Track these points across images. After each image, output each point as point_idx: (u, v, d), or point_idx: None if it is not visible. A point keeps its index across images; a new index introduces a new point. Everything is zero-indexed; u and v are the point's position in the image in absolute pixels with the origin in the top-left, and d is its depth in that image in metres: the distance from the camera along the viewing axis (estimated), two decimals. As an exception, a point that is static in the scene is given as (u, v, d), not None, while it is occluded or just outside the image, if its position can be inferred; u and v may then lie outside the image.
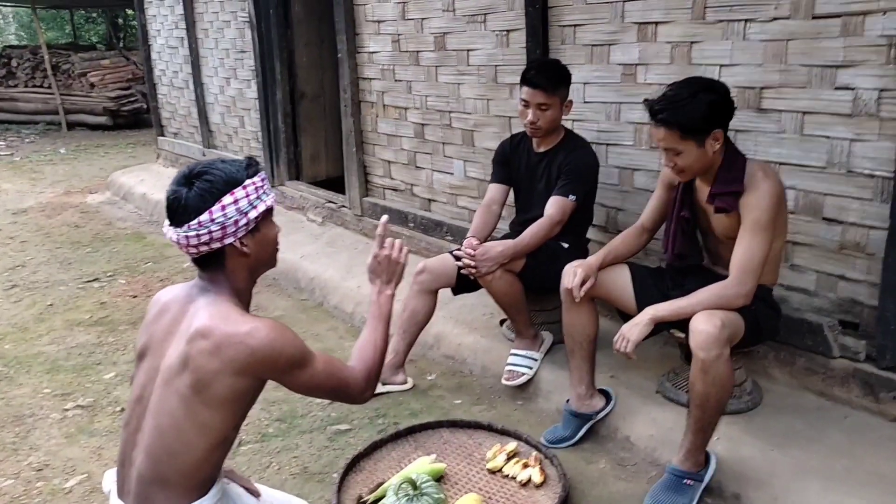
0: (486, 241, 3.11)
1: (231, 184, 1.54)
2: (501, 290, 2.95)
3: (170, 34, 7.52)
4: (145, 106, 11.60)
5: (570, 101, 3.05)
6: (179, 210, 1.53)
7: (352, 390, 1.68)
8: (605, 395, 2.78)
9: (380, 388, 3.13)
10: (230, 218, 1.53)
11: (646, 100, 2.36)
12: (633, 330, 2.31)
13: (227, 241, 1.55)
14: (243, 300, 1.64)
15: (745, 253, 2.25)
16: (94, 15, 19.73)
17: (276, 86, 5.88)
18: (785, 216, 2.40)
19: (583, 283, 2.56)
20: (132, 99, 12.50)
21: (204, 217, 1.51)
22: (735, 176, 2.30)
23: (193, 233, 1.52)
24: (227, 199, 1.53)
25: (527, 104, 2.98)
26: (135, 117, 12.58)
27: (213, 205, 1.52)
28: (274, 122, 6.00)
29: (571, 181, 2.98)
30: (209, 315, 1.54)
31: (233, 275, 1.61)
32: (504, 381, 3.03)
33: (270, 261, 1.70)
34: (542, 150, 3.11)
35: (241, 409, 1.58)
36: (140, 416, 1.60)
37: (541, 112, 2.96)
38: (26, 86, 12.99)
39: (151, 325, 1.66)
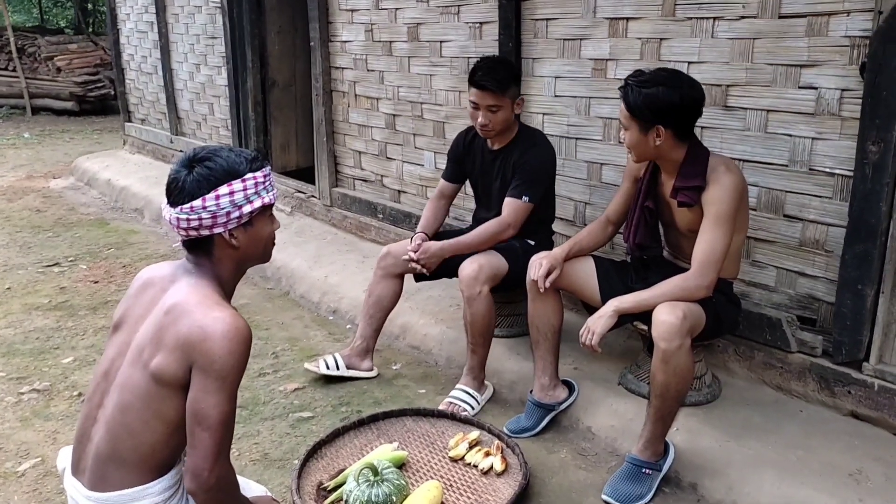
0: (434, 234, 3.13)
1: (230, 174, 1.54)
2: (480, 311, 2.81)
3: (139, 18, 7.39)
4: (113, 92, 11.39)
5: (522, 99, 2.98)
6: (176, 191, 1.53)
7: (207, 460, 1.46)
8: (568, 386, 2.80)
9: (345, 373, 3.14)
10: (222, 208, 1.53)
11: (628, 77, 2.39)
12: (598, 322, 2.33)
13: (217, 230, 1.55)
14: (226, 289, 1.63)
15: (706, 245, 2.28)
16: (63, -2, 19.36)
17: (246, 73, 5.82)
18: (746, 211, 2.44)
19: (548, 273, 2.57)
20: (99, 84, 12.26)
21: (197, 203, 1.51)
22: (698, 171, 2.33)
23: (184, 216, 1.52)
24: (223, 189, 1.52)
25: (476, 106, 2.88)
26: (102, 103, 12.34)
27: (207, 192, 1.52)
28: (244, 111, 5.94)
29: (524, 182, 2.92)
30: (186, 294, 1.54)
31: (219, 263, 1.61)
32: (441, 408, 2.84)
33: (262, 256, 1.69)
34: (496, 147, 3.03)
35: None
36: (104, 391, 1.58)
37: (491, 114, 2.86)
38: (-10, 68, 12.69)
39: (131, 299, 1.65)
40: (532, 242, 3.05)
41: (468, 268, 2.83)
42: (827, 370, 2.59)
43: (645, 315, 2.35)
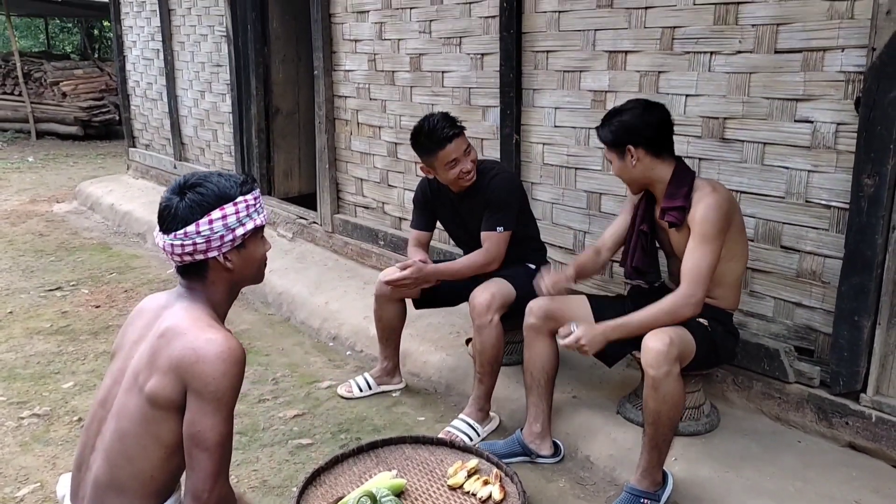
0: None
1: (222, 199, 1.56)
2: (490, 340, 2.81)
3: (145, 46, 7.49)
4: (117, 117, 11.50)
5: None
6: (169, 218, 1.55)
7: (207, 482, 1.48)
8: (556, 447, 2.76)
9: (378, 390, 3.27)
10: (216, 232, 1.55)
11: None
12: (593, 346, 2.36)
13: (211, 254, 1.57)
14: (220, 311, 1.65)
15: (691, 263, 2.31)
16: (70, 25, 19.58)
17: (250, 101, 5.89)
18: (743, 238, 2.48)
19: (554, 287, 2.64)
20: (104, 110, 12.37)
21: (191, 228, 1.53)
22: (682, 191, 2.40)
23: (179, 242, 1.54)
24: (216, 213, 1.54)
25: (455, 161, 2.89)
26: (106, 128, 12.45)
27: (201, 217, 1.54)
28: (247, 137, 6.00)
29: (495, 213, 2.94)
30: (179, 317, 1.56)
31: (213, 286, 1.62)
32: (440, 436, 2.84)
33: (256, 277, 1.71)
34: (461, 191, 3.04)
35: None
36: (102, 419, 1.59)
37: (468, 156, 2.92)
38: (-4, 92, 12.82)
39: (127, 327, 1.68)
40: (533, 266, 3.07)
41: (480, 296, 2.84)
42: (825, 401, 2.60)
43: (633, 337, 2.37)
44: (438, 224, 3.30)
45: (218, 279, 1.62)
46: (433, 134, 2.89)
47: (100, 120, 12.32)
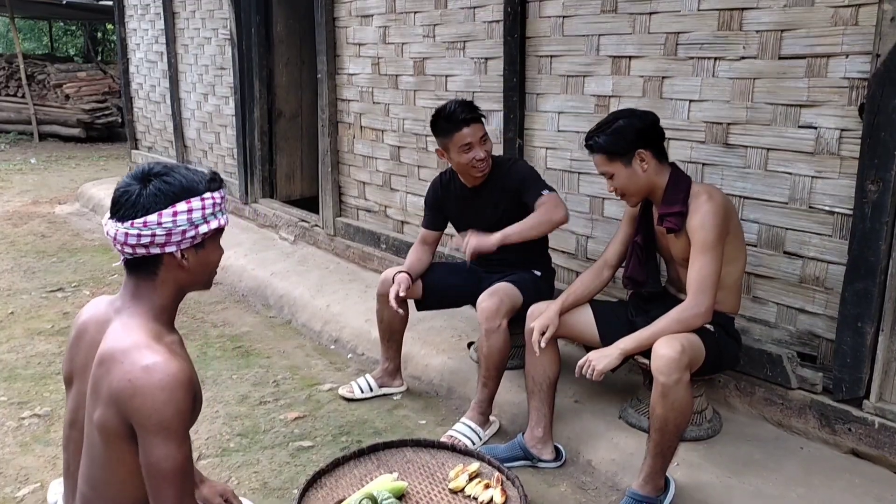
0: (416, 277, 3.11)
1: (189, 192, 1.46)
2: (497, 344, 2.80)
3: (149, 48, 7.51)
4: (120, 119, 11.52)
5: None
6: (127, 205, 1.44)
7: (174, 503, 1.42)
8: (558, 451, 2.75)
9: (378, 392, 3.27)
10: (179, 226, 1.45)
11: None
12: (602, 361, 2.34)
13: (169, 249, 1.46)
14: (165, 318, 1.53)
15: (697, 273, 2.31)
16: (73, 27, 19.63)
17: (254, 104, 5.90)
18: (741, 240, 2.48)
19: (542, 334, 2.60)
20: (107, 112, 12.41)
21: (152, 218, 1.42)
22: (679, 197, 2.40)
23: (136, 231, 1.43)
24: (182, 206, 1.45)
25: (470, 145, 2.89)
26: (109, 130, 12.48)
27: (164, 208, 1.43)
28: (250, 140, 6.01)
29: (531, 186, 2.90)
30: (116, 338, 1.45)
31: (161, 287, 1.50)
32: (442, 439, 2.84)
33: (206, 283, 1.60)
34: (475, 184, 3.03)
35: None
36: (77, 440, 1.54)
37: (484, 145, 2.91)
38: (-1, 94, 12.86)
39: (72, 349, 1.58)
40: (538, 273, 3.07)
41: (488, 301, 2.83)
42: (827, 407, 2.60)
43: (646, 350, 2.36)
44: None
45: (169, 279, 1.50)
46: (452, 116, 2.90)
47: (102, 122, 12.36)
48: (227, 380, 3.50)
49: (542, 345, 2.59)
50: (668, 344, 2.23)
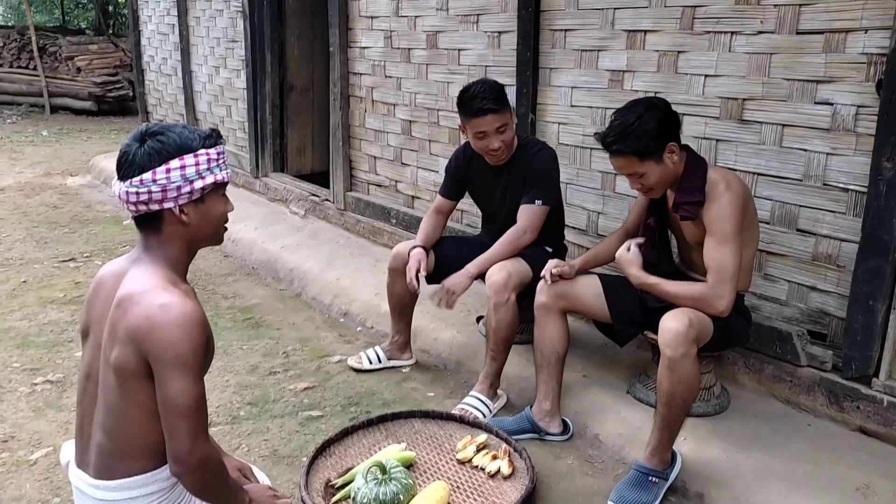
0: (430, 247, 3.13)
1: (182, 149, 1.51)
2: (506, 318, 2.81)
3: (161, 21, 7.49)
4: (131, 93, 11.51)
5: (512, 109, 2.99)
6: (127, 164, 1.51)
7: (187, 444, 1.47)
8: (565, 425, 2.76)
9: (387, 364, 3.30)
10: (173, 182, 1.50)
11: (596, 133, 2.43)
12: (630, 267, 2.42)
13: (167, 205, 1.52)
14: (178, 269, 1.60)
15: (718, 264, 2.27)
16: (85, 0, 19.56)
17: (265, 77, 5.89)
18: (755, 224, 2.45)
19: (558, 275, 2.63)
20: (118, 85, 12.38)
21: (147, 176, 1.49)
22: (696, 185, 2.34)
23: (134, 189, 1.50)
24: (175, 162, 1.50)
25: (485, 134, 2.86)
26: (120, 104, 12.46)
27: (158, 165, 1.49)
28: (261, 114, 6.00)
29: (538, 187, 2.93)
30: (134, 283, 1.52)
31: (169, 242, 1.57)
32: (453, 412, 2.85)
33: (214, 237, 1.65)
34: (496, 163, 3.02)
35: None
36: (92, 392, 1.58)
37: (501, 135, 2.87)
38: (11, 66, 12.83)
39: (90, 301, 1.63)
40: (550, 250, 3.07)
41: (497, 275, 2.84)
42: (836, 385, 2.60)
43: (655, 324, 2.35)
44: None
45: (174, 233, 1.57)
46: (472, 101, 2.86)
47: (114, 95, 12.33)
48: (238, 350, 3.52)
49: (553, 274, 2.63)
50: (675, 317, 2.23)
